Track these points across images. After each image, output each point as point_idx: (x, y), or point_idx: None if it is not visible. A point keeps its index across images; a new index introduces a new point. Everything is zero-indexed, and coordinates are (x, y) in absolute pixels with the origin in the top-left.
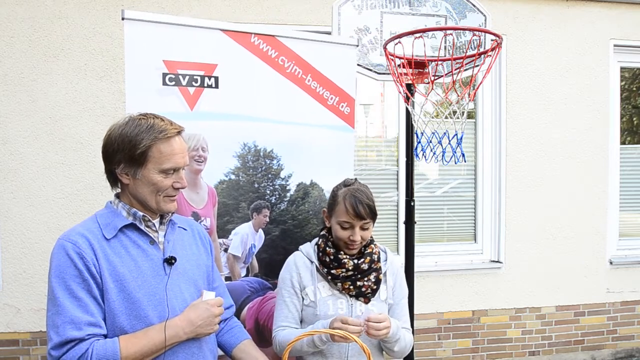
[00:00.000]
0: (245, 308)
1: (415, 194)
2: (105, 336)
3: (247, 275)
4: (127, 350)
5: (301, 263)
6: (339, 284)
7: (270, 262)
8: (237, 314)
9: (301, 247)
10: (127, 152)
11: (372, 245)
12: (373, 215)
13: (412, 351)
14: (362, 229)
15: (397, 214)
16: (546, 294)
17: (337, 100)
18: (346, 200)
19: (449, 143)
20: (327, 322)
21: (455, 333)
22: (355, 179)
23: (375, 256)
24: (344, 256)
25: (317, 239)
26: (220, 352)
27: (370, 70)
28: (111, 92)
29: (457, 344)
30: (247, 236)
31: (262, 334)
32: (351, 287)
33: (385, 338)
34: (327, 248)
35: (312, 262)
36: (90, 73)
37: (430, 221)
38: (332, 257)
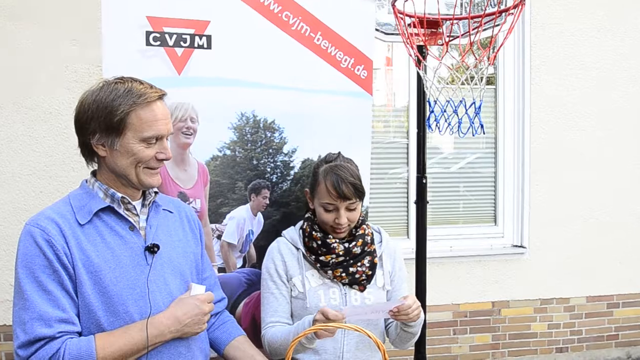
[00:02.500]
0: (242, 303)
1: (428, 170)
2: (80, 334)
3: (243, 265)
4: (104, 350)
5: (286, 250)
6: (330, 272)
7: None
8: (233, 311)
9: (284, 232)
10: (102, 120)
11: (364, 226)
12: (359, 194)
13: (424, 347)
14: (348, 209)
15: (407, 193)
16: (576, 283)
17: (352, 63)
18: (327, 180)
19: (466, 112)
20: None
21: (472, 327)
22: (339, 153)
23: (368, 238)
24: (333, 240)
25: (301, 222)
26: (213, 354)
27: (377, 30)
28: (85, 54)
29: (474, 339)
30: (244, 221)
31: (260, 333)
32: (343, 274)
33: (411, 323)
34: (314, 232)
35: (297, 248)
36: (61, 33)
37: (445, 201)
38: (319, 242)
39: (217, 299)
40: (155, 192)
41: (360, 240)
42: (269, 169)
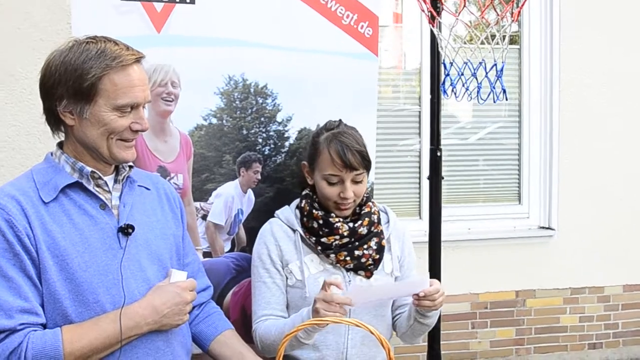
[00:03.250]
0: (230, 293)
1: (443, 142)
2: (45, 326)
3: (231, 249)
4: (72, 344)
5: (280, 233)
6: (332, 256)
7: None
8: (220, 301)
9: (277, 212)
10: (71, 85)
11: (370, 204)
12: (366, 163)
13: (438, 343)
14: (354, 182)
15: (420, 167)
16: (611, 269)
17: (356, 19)
18: (331, 148)
19: (486, 75)
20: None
21: (493, 320)
22: (340, 120)
23: (375, 217)
24: (337, 219)
25: (297, 201)
26: (197, 350)
27: None
28: (51, 9)
29: (496, 333)
30: (233, 199)
31: (250, 327)
32: (348, 258)
33: (429, 313)
34: (314, 210)
35: (294, 230)
36: None
37: (462, 176)
38: (321, 222)
39: (201, 288)
40: (130, 166)
41: (367, 220)
42: (260, 140)
